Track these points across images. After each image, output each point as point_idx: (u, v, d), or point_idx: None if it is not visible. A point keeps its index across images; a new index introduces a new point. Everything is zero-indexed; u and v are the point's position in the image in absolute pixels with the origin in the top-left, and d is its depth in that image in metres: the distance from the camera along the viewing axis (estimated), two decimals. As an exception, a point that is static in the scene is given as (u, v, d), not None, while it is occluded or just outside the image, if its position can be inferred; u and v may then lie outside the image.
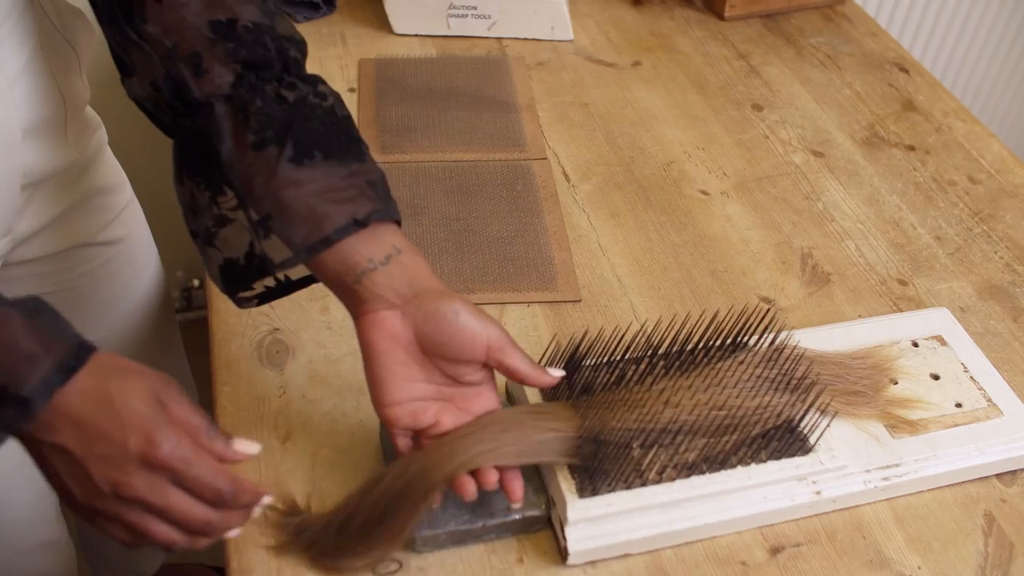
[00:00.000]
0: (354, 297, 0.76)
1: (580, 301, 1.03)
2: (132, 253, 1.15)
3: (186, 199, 0.83)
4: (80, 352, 0.66)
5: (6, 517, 1.07)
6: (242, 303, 0.85)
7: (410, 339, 0.77)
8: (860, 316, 1.05)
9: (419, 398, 0.78)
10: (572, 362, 0.86)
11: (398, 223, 0.79)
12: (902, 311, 1.06)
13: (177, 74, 0.77)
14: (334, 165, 0.76)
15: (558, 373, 0.81)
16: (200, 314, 2.17)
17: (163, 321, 1.26)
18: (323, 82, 0.81)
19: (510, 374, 0.78)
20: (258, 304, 0.85)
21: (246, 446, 0.70)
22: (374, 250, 0.76)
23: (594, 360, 0.87)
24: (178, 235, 1.98)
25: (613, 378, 0.86)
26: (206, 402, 0.89)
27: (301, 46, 0.81)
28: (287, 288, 0.85)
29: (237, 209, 0.79)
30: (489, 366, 0.79)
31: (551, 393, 0.86)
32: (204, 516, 0.68)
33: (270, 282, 0.85)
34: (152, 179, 1.71)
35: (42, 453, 0.66)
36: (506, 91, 1.31)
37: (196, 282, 2.13)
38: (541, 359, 0.87)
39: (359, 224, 0.75)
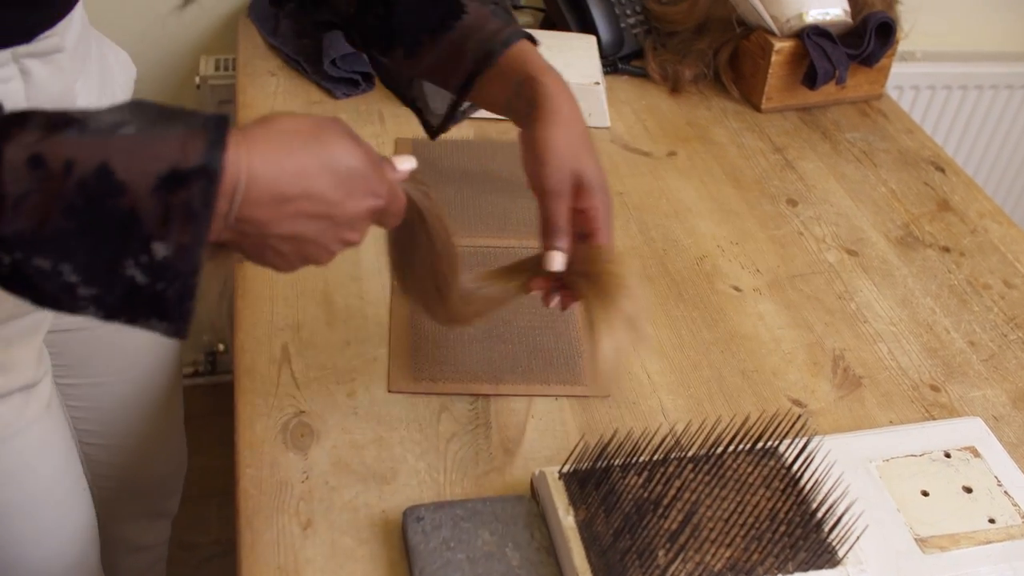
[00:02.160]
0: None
1: (609, 396, 1.02)
2: None
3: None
4: (214, 122, 0.63)
5: (51, 567, 1.08)
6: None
7: None
8: (891, 422, 1.04)
9: None
10: (600, 461, 0.85)
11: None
12: (934, 418, 1.05)
13: None
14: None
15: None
16: (224, 378, 2.18)
17: (171, 380, 1.28)
18: None
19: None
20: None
21: (406, 163, 0.78)
22: None
23: (622, 460, 0.86)
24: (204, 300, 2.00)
25: (641, 481, 0.85)
26: (228, 482, 0.88)
27: None
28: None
29: None
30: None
31: (580, 501, 0.84)
32: None
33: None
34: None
35: (264, 245, 0.68)
36: (541, 177, 1.31)
37: (221, 347, 2.13)
38: (568, 458, 0.86)
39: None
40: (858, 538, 0.85)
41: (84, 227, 0.59)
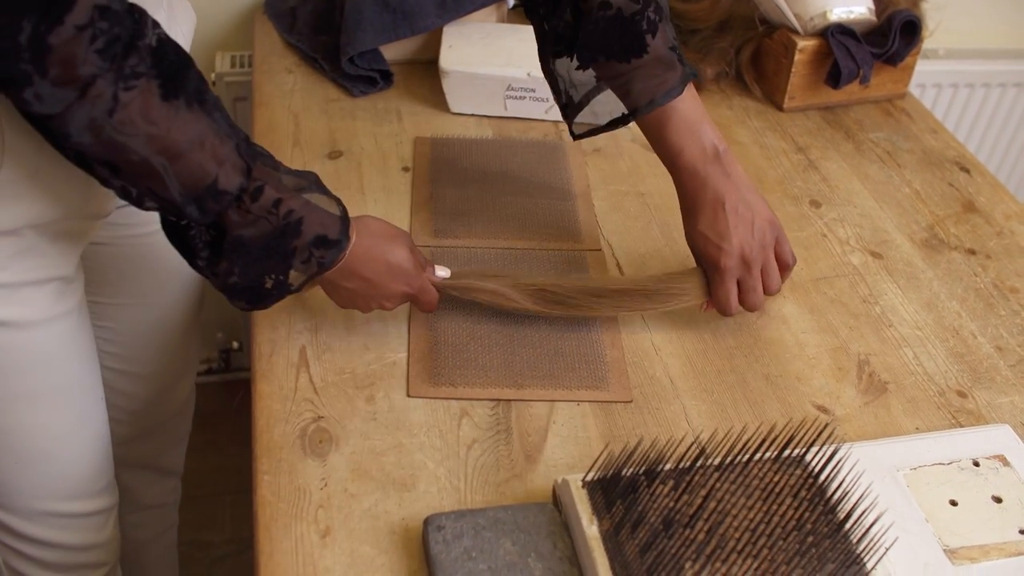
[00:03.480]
0: None
1: (631, 402, 1.01)
2: None
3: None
4: (344, 214, 0.93)
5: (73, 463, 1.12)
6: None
7: None
8: (917, 429, 1.02)
9: None
10: (625, 469, 0.84)
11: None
12: (961, 425, 1.03)
13: None
14: None
15: None
16: (237, 376, 2.17)
17: (192, 313, 1.33)
18: None
19: None
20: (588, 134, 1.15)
21: (441, 272, 1.04)
22: None
23: (647, 468, 0.85)
24: (220, 297, 1.99)
25: (666, 490, 0.83)
26: (241, 481, 0.87)
27: None
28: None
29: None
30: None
31: (604, 510, 0.83)
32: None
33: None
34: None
35: (337, 289, 0.97)
36: (562, 177, 1.30)
37: (236, 344, 2.12)
38: (592, 466, 0.85)
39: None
40: (887, 549, 0.83)
41: (266, 248, 0.89)
